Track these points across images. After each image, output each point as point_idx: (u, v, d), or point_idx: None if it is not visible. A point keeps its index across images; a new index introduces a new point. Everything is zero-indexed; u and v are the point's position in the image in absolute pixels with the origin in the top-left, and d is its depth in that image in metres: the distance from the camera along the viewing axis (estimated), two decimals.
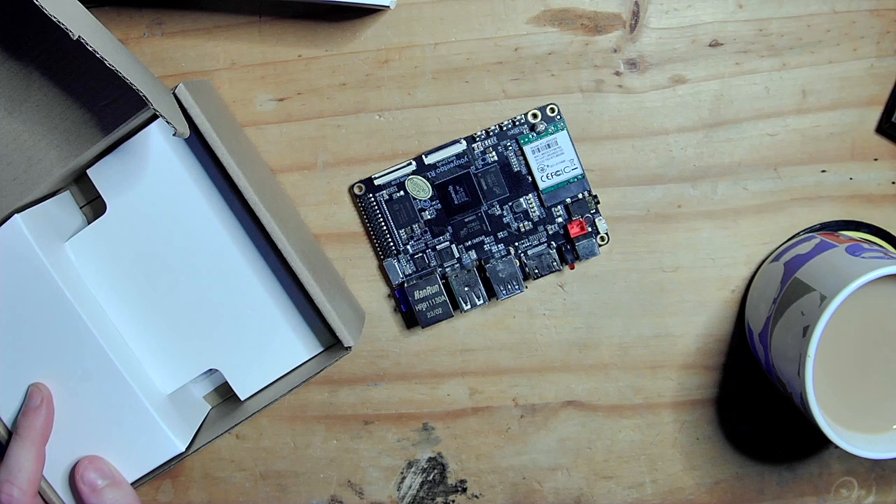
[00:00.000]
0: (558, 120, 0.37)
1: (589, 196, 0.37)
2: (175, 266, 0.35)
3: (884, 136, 0.37)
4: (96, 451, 0.34)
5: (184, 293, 0.35)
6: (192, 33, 0.37)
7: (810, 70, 0.36)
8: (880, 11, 0.36)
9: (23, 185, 0.34)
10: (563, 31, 0.36)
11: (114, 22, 0.37)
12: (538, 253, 0.37)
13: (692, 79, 0.37)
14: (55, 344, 0.33)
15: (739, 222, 0.38)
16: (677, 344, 0.39)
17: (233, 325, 0.35)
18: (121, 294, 0.35)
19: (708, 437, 0.39)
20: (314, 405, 0.40)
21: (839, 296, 0.30)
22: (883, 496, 0.39)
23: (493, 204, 0.37)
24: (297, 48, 0.37)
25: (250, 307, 0.35)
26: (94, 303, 0.34)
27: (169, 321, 0.35)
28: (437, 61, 0.37)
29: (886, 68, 0.36)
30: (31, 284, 0.33)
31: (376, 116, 0.37)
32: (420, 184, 0.37)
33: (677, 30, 0.36)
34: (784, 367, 0.33)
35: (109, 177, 0.34)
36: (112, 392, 0.34)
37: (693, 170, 0.37)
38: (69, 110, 0.34)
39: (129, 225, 0.34)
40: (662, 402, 0.39)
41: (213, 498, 0.40)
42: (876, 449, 0.32)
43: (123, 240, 0.34)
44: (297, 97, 0.37)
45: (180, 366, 0.36)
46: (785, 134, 0.37)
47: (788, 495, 0.39)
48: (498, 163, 0.37)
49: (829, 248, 0.34)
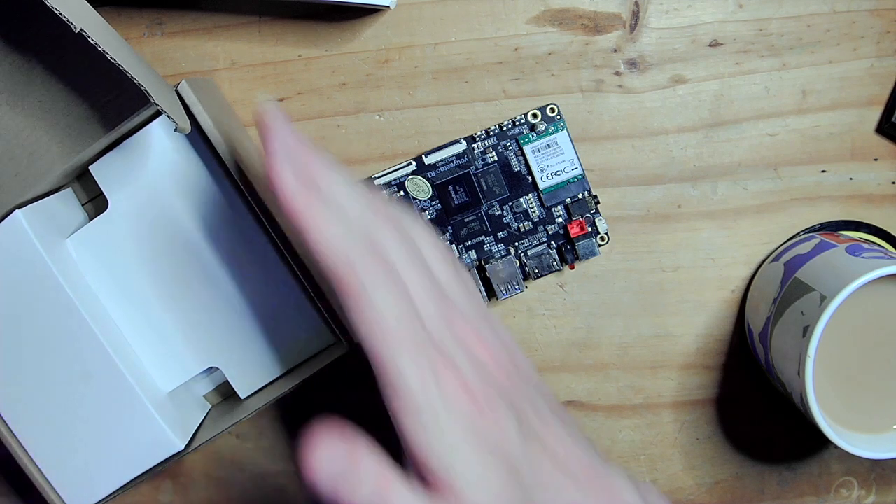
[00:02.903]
0: (558, 120, 0.37)
1: (589, 196, 0.37)
2: (176, 264, 0.35)
3: (884, 136, 0.37)
4: (94, 448, 0.34)
5: (184, 291, 0.35)
6: (192, 33, 0.37)
7: (810, 70, 0.36)
8: (880, 11, 0.36)
9: (24, 181, 0.34)
10: (563, 31, 0.36)
11: (114, 22, 0.37)
12: (538, 253, 0.37)
13: (692, 79, 0.37)
14: (54, 340, 0.33)
15: (739, 222, 0.38)
16: (677, 344, 0.39)
17: (233, 323, 0.35)
18: (121, 291, 0.35)
19: (708, 437, 0.39)
20: (316, 404, 0.40)
21: (839, 296, 0.30)
22: (883, 496, 0.39)
23: (493, 204, 0.37)
24: (297, 48, 0.37)
25: (251, 305, 0.35)
26: (95, 299, 0.35)
27: (169, 319, 0.35)
28: (437, 61, 0.37)
29: (886, 68, 0.36)
30: (32, 280, 0.33)
31: (376, 116, 0.37)
32: (420, 184, 0.37)
33: (677, 30, 0.36)
34: (784, 367, 0.33)
35: (111, 174, 0.34)
36: (111, 389, 0.34)
37: (693, 170, 0.37)
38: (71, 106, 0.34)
39: (131, 222, 0.34)
40: (662, 402, 0.39)
41: (213, 498, 0.40)
42: (876, 449, 0.32)
43: (125, 237, 0.34)
44: (297, 97, 0.37)
45: (180, 364, 0.36)
46: (785, 134, 0.37)
47: (788, 495, 0.39)
48: (498, 163, 0.37)
49: (829, 248, 0.34)
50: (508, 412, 0.26)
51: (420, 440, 0.24)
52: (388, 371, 0.24)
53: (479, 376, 0.26)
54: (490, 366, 0.27)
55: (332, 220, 0.25)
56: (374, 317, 0.25)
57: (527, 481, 0.26)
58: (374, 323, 0.25)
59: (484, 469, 0.25)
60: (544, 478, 0.27)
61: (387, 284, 0.25)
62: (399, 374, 0.24)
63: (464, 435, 0.25)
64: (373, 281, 0.25)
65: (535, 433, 0.27)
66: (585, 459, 0.28)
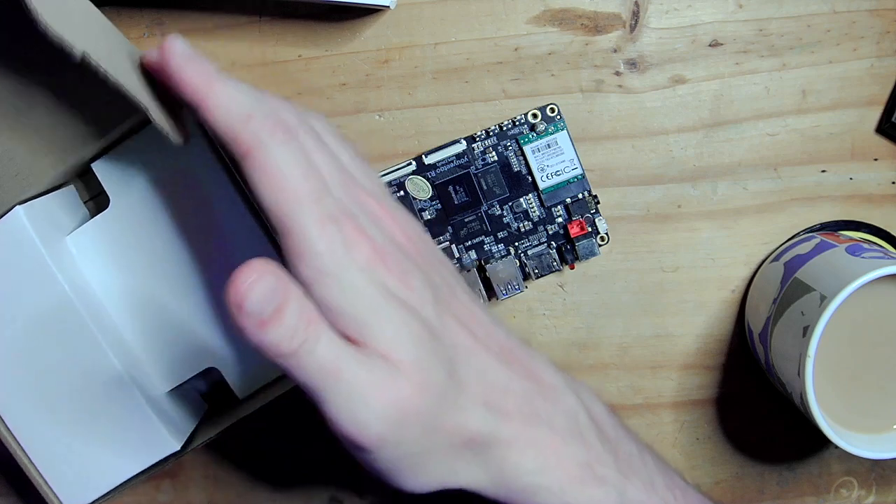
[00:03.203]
0: (558, 120, 0.37)
1: (589, 196, 0.37)
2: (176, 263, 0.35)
3: (884, 136, 0.37)
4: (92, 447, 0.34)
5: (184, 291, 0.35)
6: (192, 33, 0.37)
7: (810, 70, 0.36)
8: (880, 11, 0.36)
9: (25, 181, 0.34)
10: (563, 31, 0.36)
11: (114, 22, 0.37)
12: (538, 253, 0.37)
13: (692, 79, 0.37)
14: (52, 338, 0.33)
15: (739, 222, 0.38)
16: (677, 344, 0.39)
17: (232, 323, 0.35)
18: (120, 290, 0.35)
19: (708, 437, 0.39)
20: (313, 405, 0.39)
21: (839, 296, 0.30)
22: (883, 496, 0.39)
23: (493, 204, 0.37)
24: (297, 48, 0.37)
25: None
26: (94, 298, 0.34)
27: (168, 318, 0.35)
28: (437, 61, 0.37)
29: (886, 68, 0.36)
30: (31, 277, 0.33)
31: (376, 116, 0.37)
32: (420, 184, 0.37)
33: (677, 30, 0.36)
34: (784, 367, 0.33)
35: (114, 171, 0.34)
36: (108, 388, 0.34)
37: (693, 170, 0.37)
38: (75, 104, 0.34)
39: (132, 220, 0.34)
40: (662, 402, 0.39)
41: (213, 498, 0.40)
42: (876, 449, 0.32)
43: (125, 235, 0.34)
44: (297, 97, 0.37)
45: (178, 363, 0.36)
46: (785, 134, 0.37)
47: (788, 495, 0.39)
48: (498, 163, 0.37)
49: (829, 248, 0.34)
50: (423, 282, 0.25)
51: (334, 303, 0.23)
52: (293, 234, 0.23)
53: (392, 245, 0.25)
54: (400, 239, 0.26)
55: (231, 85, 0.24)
56: (277, 174, 0.23)
57: (446, 344, 0.25)
58: (277, 180, 0.23)
59: (405, 326, 0.24)
60: (463, 347, 0.26)
61: (289, 144, 0.24)
62: (305, 237, 0.23)
63: (379, 295, 0.24)
64: (275, 139, 0.24)
65: (450, 308, 0.26)
66: (505, 339, 0.28)
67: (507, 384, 0.26)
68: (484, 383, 0.26)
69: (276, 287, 0.22)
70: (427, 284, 0.26)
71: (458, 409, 0.25)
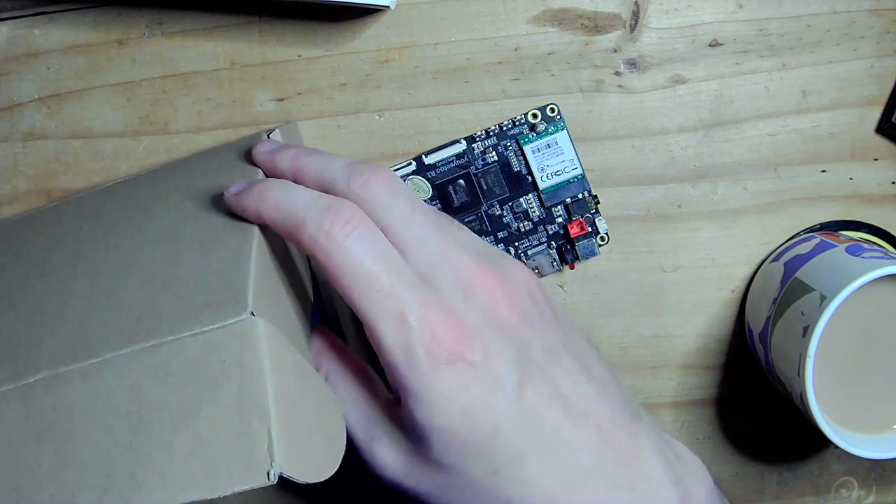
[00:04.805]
0: (558, 120, 0.37)
1: (589, 196, 0.37)
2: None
3: (884, 136, 0.37)
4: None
5: None
6: (192, 33, 0.37)
7: (810, 70, 0.36)
8: (880, 11, 0.36)
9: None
10: (563, 31, 0.36)
11: (114, 22, 0.37)
12: (538, 253, 0.37)
13: (692, 79, 0.37)
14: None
15: (739, 222, 0.38)
16: (677, 344, 0.39)
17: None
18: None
19: (708, 437, 0.39)
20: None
21: (839, 296, 0.30)
22: (883, 496, 0.39)
23: (493, 204, 0.37)
24: (297, 48, 0.37)
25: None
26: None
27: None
28: (437, 61, 0.37)
29: (886, 68, 0.36)
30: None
31: (376, 116, 0.37)
32: (420, 184, 0.37)
33: (677, 30, 0.36)
34: (784, 367, 0.33)
35: None
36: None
37: (693, 170, 0.37)
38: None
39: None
40: (662, 402, 0.39)
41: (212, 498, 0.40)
42: (876, 449, 0.32)
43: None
44: (297, 97, 0.37)
45: None
46: (785, 134, 0.37)
47: (788, 495, 0.39)
48: (498, 163, 0.37)
49: (829, 248, 0.34)
50: (504, 345, 0.26)
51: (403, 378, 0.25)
52: (367, 325, 0.25)
53: (476, 312, 0.26)
54: (501, 306, 0.27)
55: (280, 192, 0.27)
56: (337, 272, 0.25)
57: (531, 419, 0.25)
58: (341, 278, 0.25)
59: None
60: (550, 422, 0.25)
61: (346, 241, 0.25)
62: (376, 333, 0.25)
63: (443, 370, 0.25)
64: (331, 241, 0.25)
65: (536, 364, 0.26)
66: (602, 405, 0.26)
67: (590, 471, 0.26)
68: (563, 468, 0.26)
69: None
70: (510, 347, 0.26)
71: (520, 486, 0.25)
